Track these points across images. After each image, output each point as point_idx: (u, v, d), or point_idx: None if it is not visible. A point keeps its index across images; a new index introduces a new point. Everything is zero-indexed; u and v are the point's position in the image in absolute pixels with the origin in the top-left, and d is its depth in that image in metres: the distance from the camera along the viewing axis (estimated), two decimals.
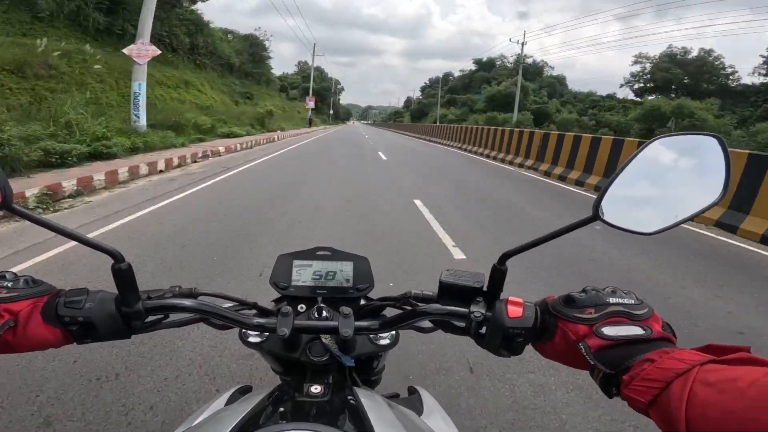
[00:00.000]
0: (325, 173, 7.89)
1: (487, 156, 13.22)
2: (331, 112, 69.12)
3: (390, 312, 0.55)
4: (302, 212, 4.57)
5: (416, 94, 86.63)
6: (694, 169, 0.41)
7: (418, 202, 5.40)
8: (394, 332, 0.56)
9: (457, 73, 65.03)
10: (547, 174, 9.25)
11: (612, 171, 0.48)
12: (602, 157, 7.70)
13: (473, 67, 59.15)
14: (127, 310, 0.45)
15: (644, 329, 0.39)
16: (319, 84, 63.69)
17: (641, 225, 0.42)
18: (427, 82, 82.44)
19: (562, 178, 8.61)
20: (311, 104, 38.15)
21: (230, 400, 0.63)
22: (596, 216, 0.42)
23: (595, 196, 0.43)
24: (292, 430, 0.37)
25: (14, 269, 2.43)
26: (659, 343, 0.38)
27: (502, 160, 11.97)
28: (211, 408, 0.60)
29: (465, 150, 15.88)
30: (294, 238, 3.65)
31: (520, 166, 10.71)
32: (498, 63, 55.39)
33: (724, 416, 0.28)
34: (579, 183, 8.02)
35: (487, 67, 56.82)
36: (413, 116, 64.87)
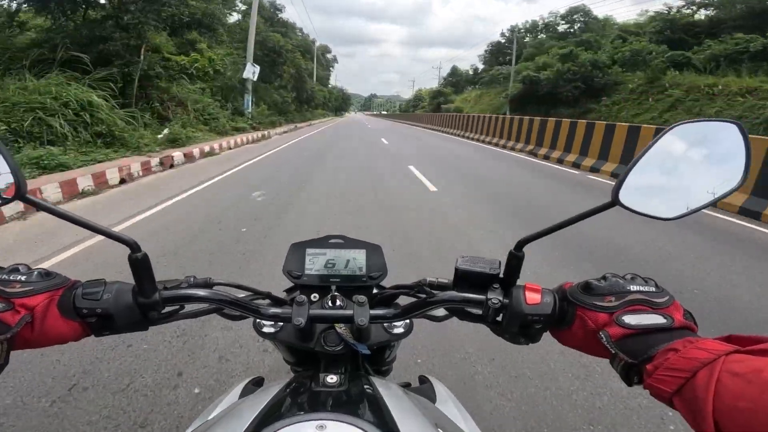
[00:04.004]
0: None
1: None
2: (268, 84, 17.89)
3: (403, 300, 0.55)
4: None
5: (467, 64, 52.43)
6: (714, 156, 0.41)
7: None
8: (408, 321, 0.56)
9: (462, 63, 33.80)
10: None
11: None
12: None
13: None
14: (144, 300, 0.45)
15: (666, 318, 0.38)
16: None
17: (661, 210, 0.42)
18: (504, 39, 40.60)
19: None
20: None
21: (244, 393, 0.62)
22: (615, 201, 0.42)
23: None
24: (315, 420, 0.37)
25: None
26: (681, 332, 0.38)
27: None
28: (226, 401, 0.60)
29: None
30: None
31: None
32: None
33: (754, 407, 0.28)
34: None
35: None
36: (521, 101, 26.66)
